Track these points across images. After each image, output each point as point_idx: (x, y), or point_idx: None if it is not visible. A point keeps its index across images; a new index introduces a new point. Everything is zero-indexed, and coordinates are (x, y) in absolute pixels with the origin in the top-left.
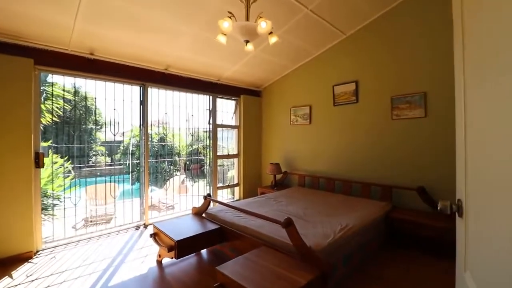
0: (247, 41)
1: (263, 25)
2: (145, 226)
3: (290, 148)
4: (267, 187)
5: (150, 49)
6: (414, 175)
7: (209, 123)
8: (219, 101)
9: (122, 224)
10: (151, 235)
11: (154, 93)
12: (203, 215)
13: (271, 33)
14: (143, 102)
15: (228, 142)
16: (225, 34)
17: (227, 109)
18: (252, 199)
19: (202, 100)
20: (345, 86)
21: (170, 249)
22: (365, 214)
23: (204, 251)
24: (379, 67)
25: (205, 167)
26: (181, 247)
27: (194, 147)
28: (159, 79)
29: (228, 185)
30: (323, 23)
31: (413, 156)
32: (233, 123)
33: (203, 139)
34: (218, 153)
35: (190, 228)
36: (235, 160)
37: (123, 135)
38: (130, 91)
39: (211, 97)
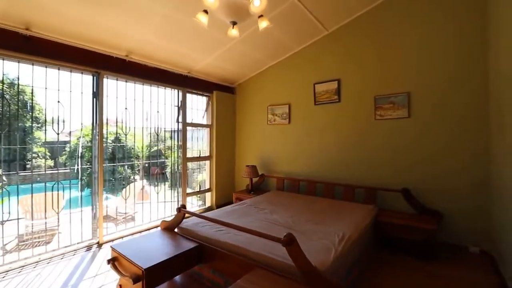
0: (234, 23)
1: (257, 3)
2: (99, 245)
3: (267, 149)
4: (242, 192)
5: (108, 29)
6: (398, 176)
7: (178, 122)
8: (189, 97)
9: (69, 245)
10: (109, 261)
11: (112, 84)
12: (175, 230)
13: (261, 16)
14: (97, 95)
15: (198, 143)
16: (207, 13)
17: (197, 106)
18: (230, 207)
19: (170, 95)
20: (327, 84)
21: (136, 279)
22: (357, 220)
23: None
24: (362, 66)
25: (169, 171)
26: (152, 276)
27: (157, 148)
28: (119, 67)
29: (199, 190)
30: (308, 15)
31: (397, 157)
32: (204, 121)
33: (165, 140)
34: (188, 155)
35: (161, 249)
36: (207, 162)
37: (70, 135)
38: (80, 81)
39: (180, 91)
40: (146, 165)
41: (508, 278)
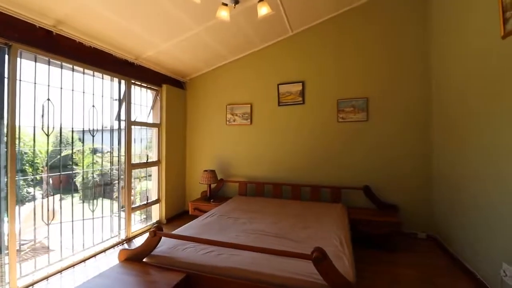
0: (236, 2)
1: None
2: None
3: (226, 152)
4: (199, 200)
5: None
6: (359, 175)
7: (119, 120)
8: (132, 90)
9: None
10: None
11: (29, 66)
12: (145, 259)
13: (262, 0)
14: (9, 77)
15: (142, 145)
16: None
17: (140, 101)
18: (199, 221)
19: (108, 86)
20: (291, 86)
21: None
22: (339, 220)
23: None
24: (326, 69)
25: (91, 180)
26: None
27: (69, 152)
28: (41, 42)
29: (147, 203)
30: (281, 12)
31: (358, 157)
32: (150, 120)
33: (71, 142)
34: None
35: None
36: (153, 169)
37: None
38: None
39: (125, 82)
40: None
41: None
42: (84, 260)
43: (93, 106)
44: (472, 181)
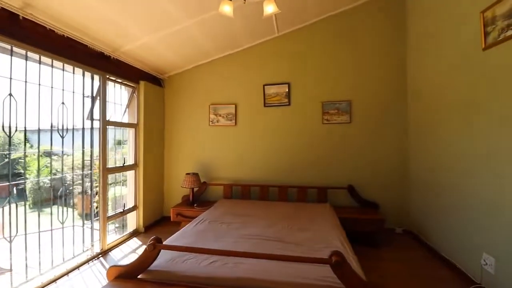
0: None
1: None
2: None
3: (209, 153)
4: (182, 205)
5: None
6: (343, 175)
7: (92, 119)
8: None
9: None
10: None
11: None
12: (140, 276)
13: None
14: None
15: (116, 147)
16: None
17: (114, 99)
18: (190, 228)
19: (79, 81)
20: (278, 87)
21: None
22: (332, 220)
23: None
24: (311, 72)
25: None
26: None
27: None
28: (5, 26)
29: (123, 211)
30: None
31: (342, 158)
32: (124, 119)
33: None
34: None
35: None
36: (130, 173)
37: None
38: None
39: (99, 77)
40: None
41: None
42: (55, 280)
43: (63, 103)
44: (447, 180)
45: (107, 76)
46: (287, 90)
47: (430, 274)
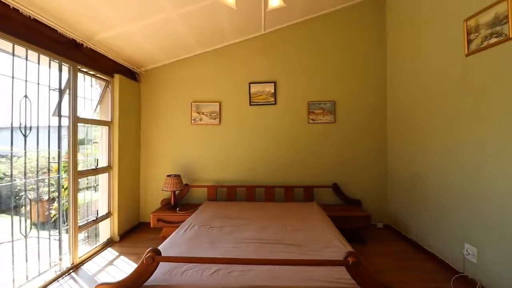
0: None
1: None
2: None
3: (191, 154)
4: (163, 210)
5: None
6: (328, 174)
7: (59, 115)
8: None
9: None
10: None
11: None
12: None
13: None
14: None
15: (86, 147)
16: None
17: (84, 94)
18: (180, 235)
19: (45, 72)
20: (263, 85)
21: None
22: (325, 220)
23: None
24: (297, 71)
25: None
26: None
27: None
28: None
29: (96, 219)
30: (261, 9)
31: (327, 157)
32: (95, 116)
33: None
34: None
35: None
36: (103, 176)
37: None
38: None
39: (70, 68)
40: None
41: None
42: None
43: (26, 96)
44: (424, 178)
45: (78, 67)
46: (273, 89)
47: (416, 266)
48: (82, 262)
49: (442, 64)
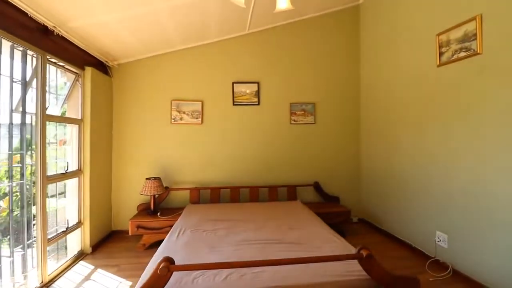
0: None
1: None
2: None
3: (171, 155)
4: (140, 216)
5: None
6: (309, 173)
7: (23, 111)
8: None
9: None
10: None
11: None
12: None
13: None
14: None
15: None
16: None
17: (48, 88)
18: (173, 242)
19: (7, 61)
20: (247, 85)
21: None
22: (314, 217)
23: None
24: (280, 73)
25: None
26: None
27: None
28: None
29: (67, 229)
30: (249, 6)
31: (308, 156)
32: (58, 113)
33: None
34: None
35: None
36: (72, 182)
37: None
38: None
39: (38, 56)
40: None
41: None
42: None
43: None
44: (395, 172)
45: (48, 57)
46: (256, 89)
47: (396, 255)
48: (53, 280)
49: (416, 74)
